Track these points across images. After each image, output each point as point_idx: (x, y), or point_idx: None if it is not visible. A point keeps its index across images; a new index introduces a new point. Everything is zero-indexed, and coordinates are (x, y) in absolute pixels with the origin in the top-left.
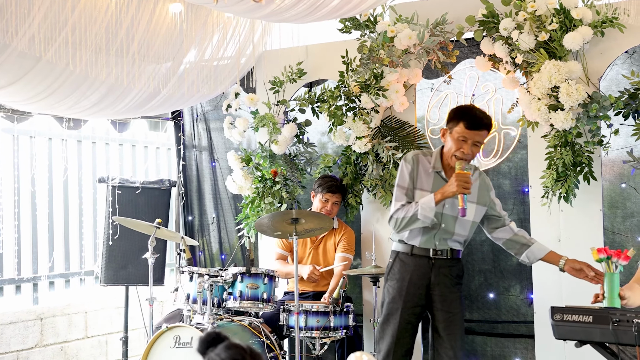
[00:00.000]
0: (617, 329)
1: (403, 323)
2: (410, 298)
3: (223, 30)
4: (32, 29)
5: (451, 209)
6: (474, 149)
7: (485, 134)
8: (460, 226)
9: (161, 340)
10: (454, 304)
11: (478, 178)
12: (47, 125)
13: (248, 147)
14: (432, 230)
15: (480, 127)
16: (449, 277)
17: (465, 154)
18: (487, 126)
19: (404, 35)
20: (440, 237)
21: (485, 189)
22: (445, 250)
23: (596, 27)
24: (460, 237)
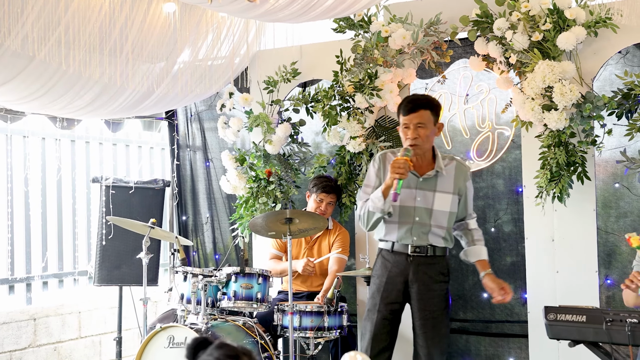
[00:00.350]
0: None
1: (380, 319)
2: (387, 294)
3: (217, 29)
4: (25, 29)
5: (423, 202)
6: (420, 131)
7: (424, 113)
8: (437, 218)
9: (155, 341)
10: (431, 302)
11: (454, 168)
12: (40, 124)
13: (242, 146)
14: (406, 225)
15: (414, 109)
16: (429, 274)
17: (413, 139)
18: (421, 105)
19: (398, 35)
20: (418, 232)
21: (462, 179)
22: (425, 247)
23: (590, 27)
24: (439, 229)
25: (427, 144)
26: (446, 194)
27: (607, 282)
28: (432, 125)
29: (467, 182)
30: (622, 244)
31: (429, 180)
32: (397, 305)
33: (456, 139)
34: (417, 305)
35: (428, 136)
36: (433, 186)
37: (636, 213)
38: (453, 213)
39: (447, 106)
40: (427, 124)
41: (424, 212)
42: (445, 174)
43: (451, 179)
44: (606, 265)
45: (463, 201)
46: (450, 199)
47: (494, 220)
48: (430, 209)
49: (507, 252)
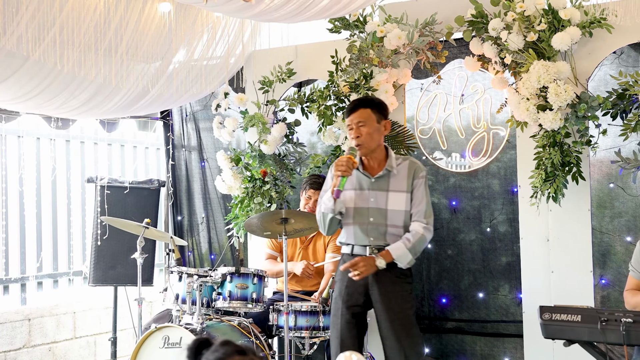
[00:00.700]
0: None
1: (344, 323)
2: (348, 298)
3: (212, 29)
4: (20, 28)
5: (377, 202)
6: (361, 129)
7: (363, 111)
8: (392, 218)
9: (150, 341)
10: (392, 302)
11: (406, 167)
12: (35, 124)
13: (237, 147)
14: (361, 226)
15: (354, 109)
16: (388, 275)
17: (356, 138)
18: (361, 105)
19: (393, 36)
20: (374, 232)
21: (412, 176)
22: (383, 248)
23: (584, 28)
24: (397, 229)
25: (372, 142)
26: (400, 193)
27: (602, 282)
28: (375, 123)
29: (417, 179)
30: (617, 244)
31: (381, 181)
32: (359, 308)
33: (451, 139)
34: (380, 307)
35: (370, 134)
36: (386, 186)
37: (631, 213)
38: (406, 211)
39: (443, 106)
40: (367, 121)
41: (378, 213)
42: (396, 172)
43: (404, 178)
44: (601, 265)
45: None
46: (405, 197)
47: (490, 220)
48: (385, 209)
49: (502, 252)
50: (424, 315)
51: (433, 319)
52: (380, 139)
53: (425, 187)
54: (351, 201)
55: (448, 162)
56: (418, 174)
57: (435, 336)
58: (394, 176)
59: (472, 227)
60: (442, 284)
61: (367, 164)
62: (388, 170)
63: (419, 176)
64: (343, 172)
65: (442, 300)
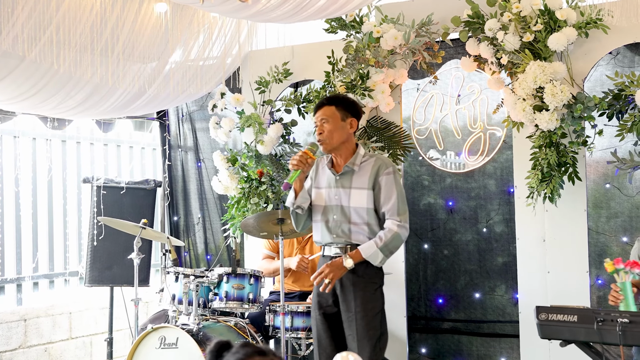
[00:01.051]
0: (602, 328)
1: (319, 324)
2: (320, 299)
3: (209, 30)
4: (16, 29)
5: (339, 199)
6: (324, 126)
7: (327, 108)
8: (355, 215)
9: (146, 341)
10: (353, 303)
11: (371, 164)
12: (31, 125)
13: (234, 147)
14: (325, 223)
15: (319, 107)
16: (354, 275)
17: (319, 135)
18: (326, 102)
19: (389, 36)
20: (337, 230)
21: (377, 173)
22: (345, 247)
23: (580, 28)
24: (360, 227)
25: (334, 139)
26: (361, 190)
27: (598, 282)
28: (339, 121)
29: (382, 176)
30: (613, 245)
31: (345, 178)
32: (330, 308)
33: (448, 140)
34: (342, 307)
35: (332, 131)
36: (348, 183)
37: (627, 213)
38: (369, 209)
39: (439, 107)
40: (330, 118)
41: (340, 210)
42: (358, 169)
43: (366, 175)
44: (597, 265)
45: (377, 195)
46: (366, 194)
47: (486, 221)
48: (347, 207)
49: (498, 253)
50: (420, 315)
51: (429, 319)
52: (344, 136)
53: (395, 184)
54: (321, 199)
55: (444, 163)
56: (383, 170)
57: (431, 336)
58: (356, 173)
59: (469, 227)
60: (438, 284)
61: (335, 162)
62: (350, 167)
63: (384, 173)
64: (294, 166)
65: (438, 300)
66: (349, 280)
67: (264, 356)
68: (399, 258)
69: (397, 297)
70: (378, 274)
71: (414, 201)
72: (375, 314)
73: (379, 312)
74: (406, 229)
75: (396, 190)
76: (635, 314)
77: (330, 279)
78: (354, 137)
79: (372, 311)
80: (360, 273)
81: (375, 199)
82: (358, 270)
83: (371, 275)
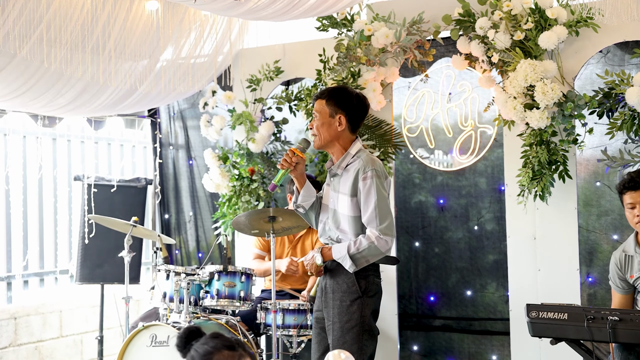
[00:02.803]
0: (592, 326)
1: (313, 328)
2: (315, 302)
3: (200, 27)
4: (6, 26)
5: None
6: (314, 121)
7: (317, 102)
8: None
9: (137, 339)
10: (331, 312)
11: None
12: (21, 122)
13: (225, 145)
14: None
15: (314, 101)
16: (334, 282)
17: (310, 129)
18: (318, 96)
19: (380, 34)
20: (328, 234)
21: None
22: None
23: (571, 27)
24: (344, 234)
25: (324, 136)
26: (344, 195)
27: (589, 280)
28: (327, 117)
29: (360, 182)
30: (603, 242)
31: (335, 180)
32: (320, 313)
33: (439, 138)
34: (324, 314)
35: (319, 127)
36: (337, 186)
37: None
38: (354, 217)
39: (430, 105)
40: (318, 113)
41: (333, 213)
42: (341, 173)
43: (349, 179)
44: (587, 263)
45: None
46: (348, 200)
47: (477, 219)
48: (336, 211)
49: (489, 250)
50: (412, 313)
51: (421, 317)
52: (332, 133)
53: (374, 188)
54: (325, 198)
55: (435, 161)
56: (360, 175)
57: (422, 334)
58: (342, 177)
59: (460, 225)
60: (429, 281)
61: (333, 161)
62: (335, 171)
63: (361, 178)
64: (281, 165)
65: (429, 298)
66: (330, 287)
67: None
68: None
69: (388, 295)
70: (359, 282)
71: (405, 199)
72: (350, 327)
73: (355, 325)
74: (386, 242)
75: (374, 198)
76: (625, 311)
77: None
78: (348, 134)
79: (347, 324)
80: (339, 281)
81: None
82: (338, 278)
83: (349, 285)
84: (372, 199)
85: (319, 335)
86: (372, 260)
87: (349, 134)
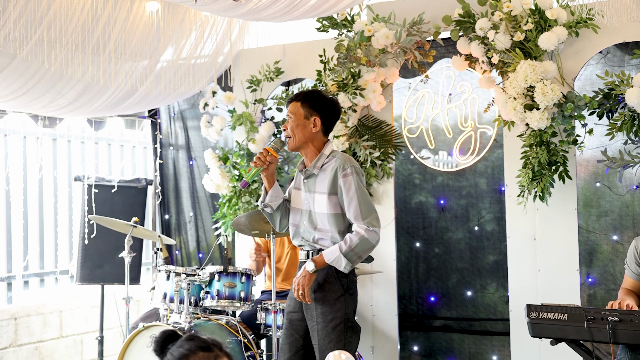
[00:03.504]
0: (592, 326)
1: (283, 329)
2: (289, 303)
3: (200, 28)
4: (7, 27)
5: (307, 204)
6: (288, 123)
7: (292, 105)
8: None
9: (137, 340)
10: (314, 313)
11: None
12: (21, 123)
13: (225, 145)
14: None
15: (287, 104)
16: (314, 283)
17: (284, 131)
18: (292, 98)
19: (381, 35)
20: (305, 235)
21: (334, 176)
22: (308, 252)
23: (571, 28)
24: (324, 233)
25: (298, 138)
26: (321, 195)
27: (589, 281)
28: (301, 118)
29: (340, 179)
30: (603, 243)
31: (310, 181)
32: (296, 315)
33: (439, 138)
34: (305, 315)
35: (294, 129)
36: (313, 187)
37: (617, 212)
38: (334, 215)
39: (430, 105)
40: (293, 115)
41: (307, 215)
42: (318, 173)
43: (326, 178)
44: (587, 263)
45: (341, 200)
46: (326, 199)
47: (477, 219)
48: (314, 212)
49: (489, 251)
50: (412, 313)
51: (421, 317)
52: (307, 135)
53: (355, 184)
54: (295, 201)
55: (435, 161)
56: (340, 172)
57: (423, 334)
58: (318, 177)
59: (460, 225)
60: (430, 282)
61: (305, 163)
62: (311, 171)
63: (342, 175)
64: (254, 163)
65: (430, 298)
66: (311, 289)
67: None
68: (390, 256)
69: (388, 295)
70: (341, 281)
71: (405, 200)
72: (335, 325)
73: (340, 323)
74: (376, 232)
75: (357, 193)
76: (625, 312)
77: (303, 290)
78: (322, 136)
79: (332, 322)
80: (320, 280)
81: (341, 203)
82: (318, 277)
83: (332, 283)
84: (356, 195)
85: (291, 336)
86: (364, 256)
87: (322, 136)
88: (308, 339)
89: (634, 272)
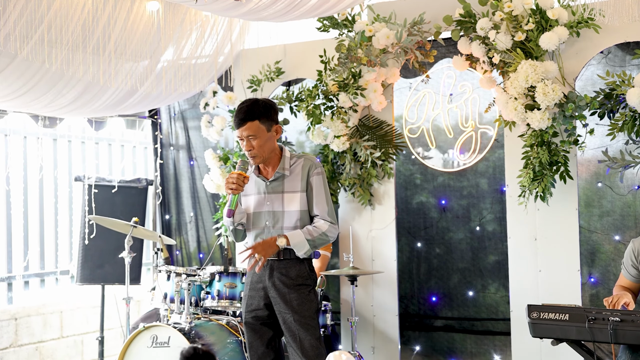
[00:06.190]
0: (593, 327)
1: (248, 329)
2: (250, 302)
3: (201, 28)
4: (7, 27)
5: (272, 205)
6: (253, 142)
7: (252, 124)
8: (288, 219)
9: (138, 340)
10: (289, 305)
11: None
12: (22, 123)
13: (226, 145)
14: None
15: (242, 123)
16: (287, 277)
17: (249, 152)
18: (248, 117)
19: (381, 35)
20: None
21: (307, 175)
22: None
23: (572, 28)
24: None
25: (266, 151)
26: (294, 193)
27: (590, 281)
28: (265, 133)
29: (312, 177)
30: (605, 243)
31: (276, 183)
32: (262, 311)
33: (440, 138)
34: (277, 309)
35: (262, 145)
36: (281, 188)
37: (618, 212)
38: (303, 211)
39: (431, 105)
40: (257, 134)
41: (273, 216)
42: (289, 174)
43: (298, 177)
44: (589, 264)
45: (309, 196)
46: (299, 197)
47: (478, 220)
48: (281, 211)
49: (490, 251)
50: (413, 313)
51: (422, 317)
52: (273, 144)
53: (324, 185)
54: (251, 206)
55: (436, 161)
56: (313, 171)
57: (424, 334)
58: (288, 177)
59: (461, 225)
60: (431, 282)
61: (262, 169)
62: (281, 173)
63: (314, 173)
64: (234, 191)
65: (431, 298)
66: (282, 283)
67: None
68: (391, 257)
69: (389, 295)
70: (311, 275)
71: (406, 200)
72: (311, 315)
73: (314, 312)
74: (336, 229)
75: (325, 192)
76: (627, 312)
77: (263, 255)
78: None
79: (308, 311)
80: (293, 275)
81: (308, 200)
82: (291, 272)
83: (305, 278)
84: (324, 194)
85: (260, 330)
86: (319, 247)
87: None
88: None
89: (630, 274)
